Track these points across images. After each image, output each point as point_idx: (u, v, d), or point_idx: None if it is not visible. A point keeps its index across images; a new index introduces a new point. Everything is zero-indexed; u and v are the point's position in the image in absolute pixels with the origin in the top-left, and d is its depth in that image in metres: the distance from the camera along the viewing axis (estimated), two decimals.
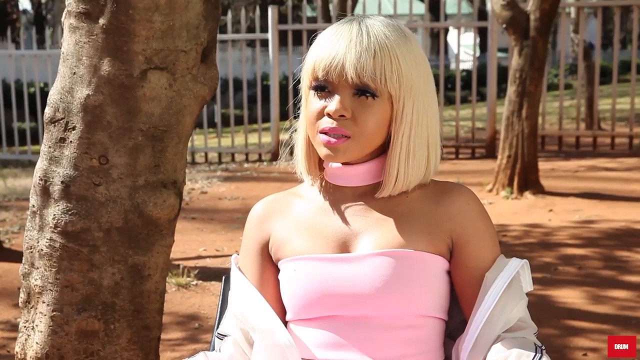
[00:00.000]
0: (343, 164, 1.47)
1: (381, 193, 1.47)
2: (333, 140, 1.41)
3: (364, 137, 1.42)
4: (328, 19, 11.12)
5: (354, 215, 1.49)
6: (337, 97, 1.41)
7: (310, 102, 1.45)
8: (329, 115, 1.41)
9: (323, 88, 1.42)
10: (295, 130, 1.55)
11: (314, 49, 1.45)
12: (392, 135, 1.44)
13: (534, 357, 1.34)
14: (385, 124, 1.43)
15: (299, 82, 1.51)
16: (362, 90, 1.40)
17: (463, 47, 10.80)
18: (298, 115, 1.55)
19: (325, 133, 1.42)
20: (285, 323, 1.50)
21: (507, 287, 1.41)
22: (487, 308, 1.40)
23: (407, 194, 1.48)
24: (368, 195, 1.49)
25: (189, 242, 5.69)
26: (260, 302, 1.48)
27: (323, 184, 1.54)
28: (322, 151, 1.44)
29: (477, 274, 1.44)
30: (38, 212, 1.89)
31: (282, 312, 1.51)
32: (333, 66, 1.40)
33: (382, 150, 1.47)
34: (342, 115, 1.40)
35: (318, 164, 1.52)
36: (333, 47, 1.40)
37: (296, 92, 1.55)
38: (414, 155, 1.45)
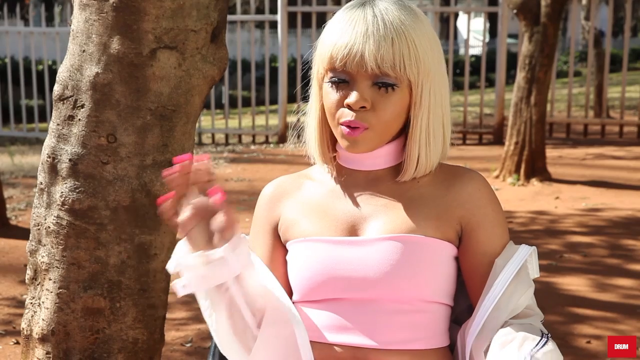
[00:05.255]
0: None
1: (403, 177, 1.46)
2: (352, 131, 1.40)
3: (382, 126, 1.41)
4: (337, 2, 11.07)
5: (364, 198, 1.48)
6: (356, 88, 1.39)
7: (328, 93, 1.43)
8: (349, 107, 1.40)
9: (341, 79, 1.41)
10: (305, 113, 1.54)
11: (328, 36, 1.42)
12: (412, 119, 1.43)
13: (539, 341, 1.34)
14: (404, 111, 1.43)
15: (311, 67, 1.50)
16: (382, 82, 1.39)
17: (473, 32, 10.75)
18: (305, 97, 1.54)
19: (344, 125, 1.41)
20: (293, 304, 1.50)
21: (516, 274, 1.41)
22: (496, 294, 1.39)
23: (417, 178, 1.48)
24: (379, 179, 1.49)
25: None
26: (271, 280, 1.47)
27: (335, 166, 1.53)
28: (343, 143, 1.43)
29: (485, 261, 1.44)
30: (45, 190, 1.90)
31: (289, 293, 1.51)
32: (351, 56, 1.37)
33: (398, 134, 1.47)
34: (363, 107, 1.40)
35: (331, 148, 1.52)
36: (349, 36, 1.38)
37: (305, 75, 1.54)
38: (434, 137, 1.45)
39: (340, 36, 1.39)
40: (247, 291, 1.42)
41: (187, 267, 1.34)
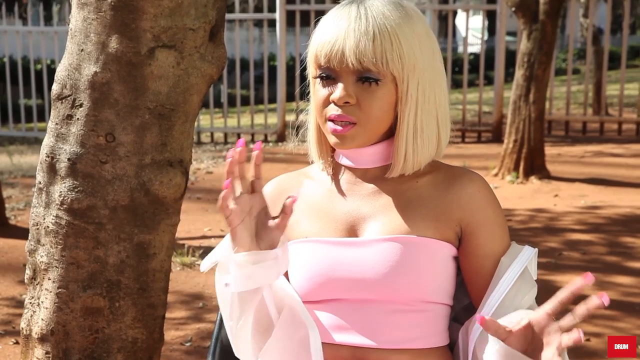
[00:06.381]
0: None
1: (391, 173, 1.46)
2: (340, 128, 1.41)
3: (370, 122, 1.41)
4: (336, 0, 11.09)
5: (363, 199, 1.48)
6: (340, 84, 1.40)
7: (316, 90, 1.45)
8: (334, 103, 1.41)
9: (327, 75, 1.42)
10: (306, 112, 1.55)
11: (315, 35, 1.44)
12: (399, 115, 1.43)
13: None
14: (391, 106, 1.42)
15: (306, 67, 1.51)
16: (365, 77, 1.39)
17: (471, 30, 10.75)
18: (308, 98, 1.55)
19: (332, 120, 1.41)
20: None
21: (520, 274, 1.40)
22: (502, 292, 1.39)
23: (417, 179, 1.47)
24: (378, 178, 1.49)
25: (194, 221, 5.70)
26: (284, 279, 1.47)
27: (333, 166, 1.53)
28: (331, 139, 1.43)
29: (486, 263, 1.44)
30: (44, 189, 1.90)
31: None
32: (333, 53, 1.38)
33: (393, 132, 1.46)
34: (347, 102, 1.40)
35: (329, 147, 1.52)
36: (332, 33, 1.39)
37: (303, 74, 1.54)
38: (422, 133, 1.44)
39: (324, 33, 1.41)
40: (276, 292, 1.42)
41: (235, 264, 1.33)
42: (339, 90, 1.40)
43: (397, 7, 1.41)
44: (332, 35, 1.39)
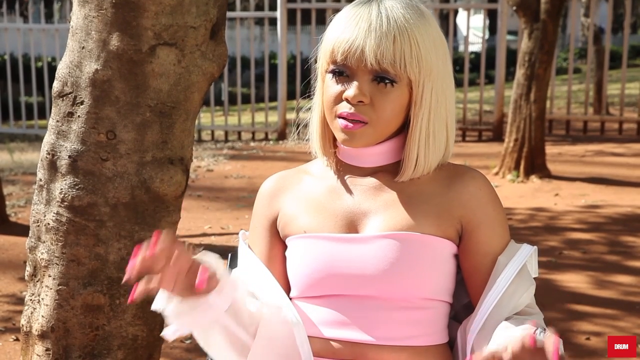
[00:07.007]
0: None
1: (401, 177, 1.46)
2: (350, 125, 1.40)
3: (380, 123, 1.41)
4: None
5: (364, 195, 1.48)
6: (355, 83, 1.39)
7: (328, 86, 1.44)
8: (347, 100, 1.41)
9: (341, 72, 1.41)
10: (309, 109, 1.54)
11: (332, 30, 1.43)
12: (412, 119, 1.43)
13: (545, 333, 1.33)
14: (403, 109, 1.42)
15: (309, 61, 1.50)
16: (382, 77, 1.39)
17: (472, 29, 10.74)
18: (306, 95, 1.54)
19: (343, 118, 1.41)
20: (290, 299, 1.50)
21: (518, 272, 1.41)
22: (499, 291, 1.39)
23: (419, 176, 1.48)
24: (379, 175, 1.49)
25: (194, 219, 5.70)
26: (268, 278, 1.48)
27: (335, 161, 1.53)
28: (340, 136, 1.43)
29: (486, 261, 1.44)
30: (45, 186, 1.90)
31: (288, 288, 1.51)
32: (352, 51, 1.38)
33: (399, 131, 1.46)
34: (361, 101, 1.40)
35: (332, 143, 1.52)
36: (352, 31, 1.39)
37: (304, 72, 1.54)
38: (434, 138, 1.44)
39: (343, 31, 1.40)
40: (240, 315, 1.43)
41: (174, 314, 1.35)
42: (353, 89, 1.40)
43: (414, 10, 1.41)
44: (352, 33, 1.38)
